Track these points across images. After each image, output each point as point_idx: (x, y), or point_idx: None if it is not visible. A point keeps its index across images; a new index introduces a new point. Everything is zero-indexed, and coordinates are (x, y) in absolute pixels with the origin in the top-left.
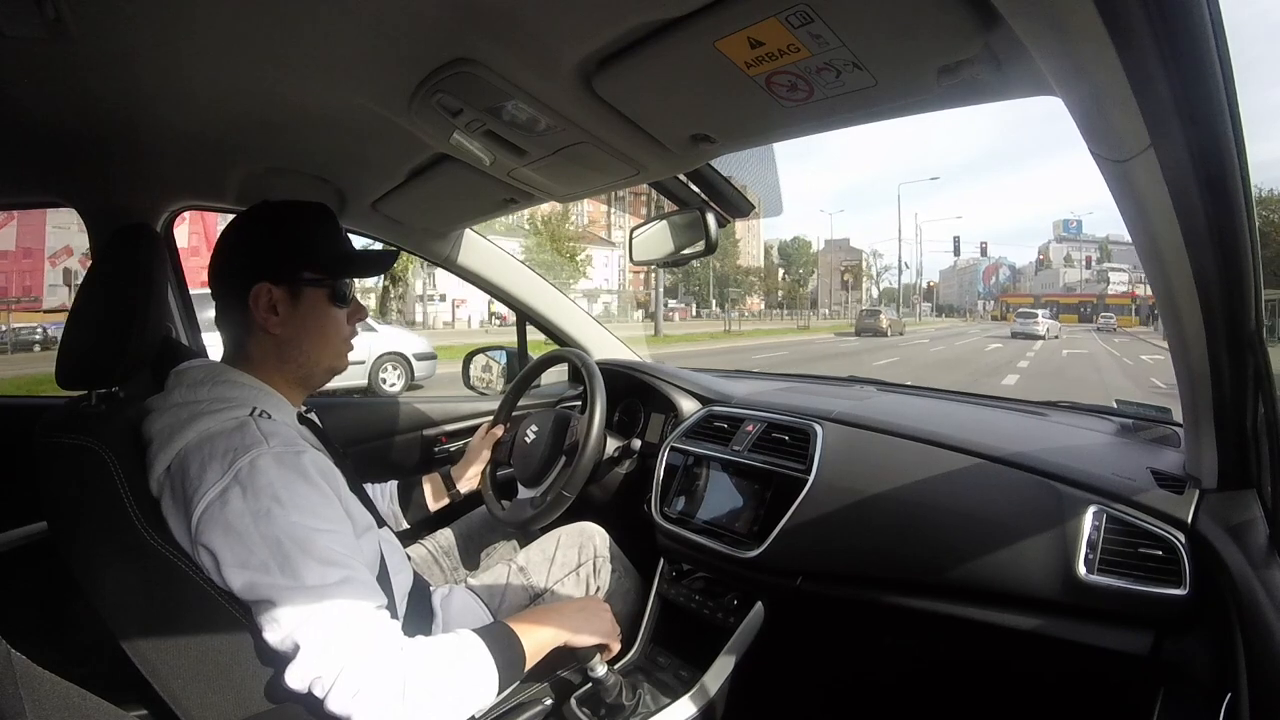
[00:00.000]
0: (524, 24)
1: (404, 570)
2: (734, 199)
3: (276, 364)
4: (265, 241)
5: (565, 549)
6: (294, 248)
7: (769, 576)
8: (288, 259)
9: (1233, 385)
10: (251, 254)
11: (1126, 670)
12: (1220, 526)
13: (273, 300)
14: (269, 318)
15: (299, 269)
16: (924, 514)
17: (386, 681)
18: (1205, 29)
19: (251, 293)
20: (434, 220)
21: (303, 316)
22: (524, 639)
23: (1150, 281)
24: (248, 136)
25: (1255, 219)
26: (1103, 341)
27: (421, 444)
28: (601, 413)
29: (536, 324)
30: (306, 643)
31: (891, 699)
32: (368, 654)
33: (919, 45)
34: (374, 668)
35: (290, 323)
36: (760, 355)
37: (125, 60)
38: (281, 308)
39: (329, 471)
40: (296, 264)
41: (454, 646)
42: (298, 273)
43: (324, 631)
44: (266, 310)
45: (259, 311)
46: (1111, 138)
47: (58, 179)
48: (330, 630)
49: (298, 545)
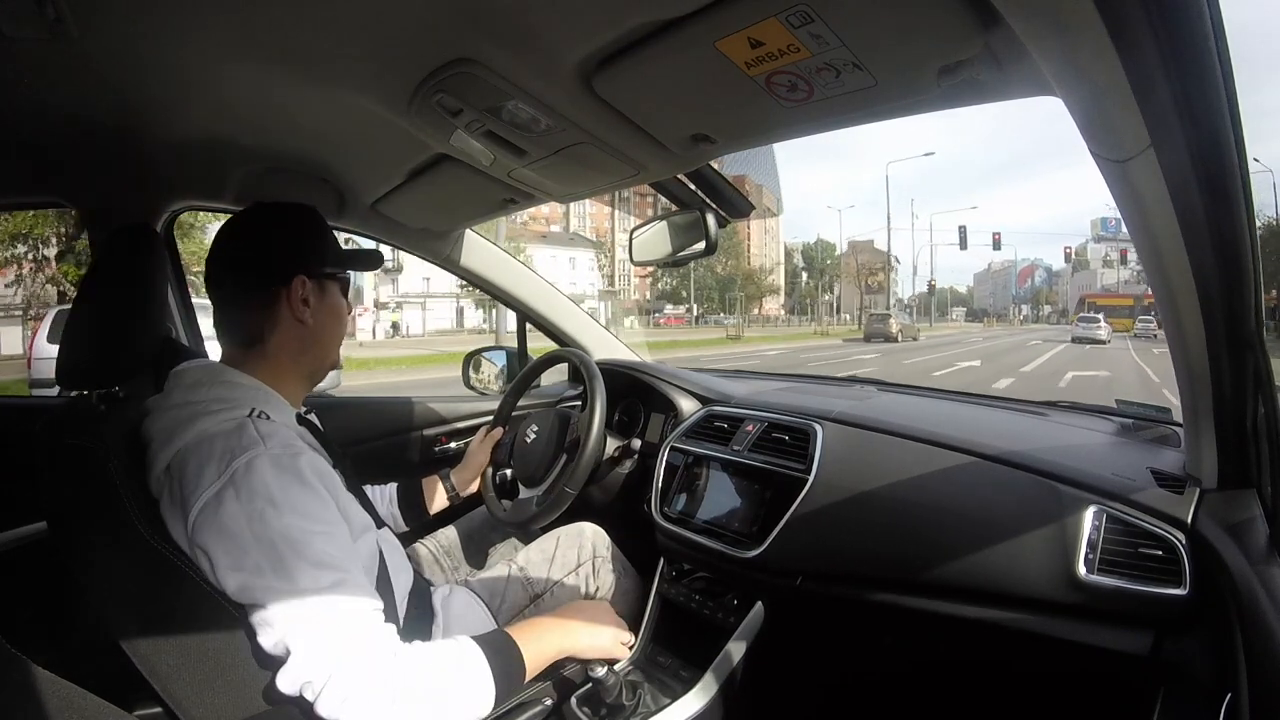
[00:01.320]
0: (524, 24)
1: (404, 571)
2: (734, 199)
3: (295, 355)
4: (295, 238)
5: (565, 549)
6: (319, 244)
7: (769, 576)
8: (317, 254)
9: (1233, 385)
10: (285, 249)
11: (1126, 670)
12: (1220, 526)
13: (305, 293)
14: (303, 309)
15: (324, 263)
16: (924, 514)
17: (377, 688)
18: (1205, 29)
19: (291, 285)
20: (434, 220)
21: (328, 307)
22: (526, 649)
23: (1150, 281)
24: (248, 136)
25: (1255, 219)
26: (1137, 355)
27: (421, 444)
28: (601, 412)
29: (536, 324)
30: (297, 646)
31: (892, 699)
32: (358, 659)
33: (919, 45)
34: (364, 673)
35: (319, 313)
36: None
37: (125, 60)
38: (312, 299)
39: (325, 473)
40: (322, 258)
41: (452, 655)
42: (324, 265)
43: (314, 635)
44: (300, 302)
45: (295, 303)
46: (1111, 138)
47: (58, 179)
48: (321, 634)
49: (291, 548)
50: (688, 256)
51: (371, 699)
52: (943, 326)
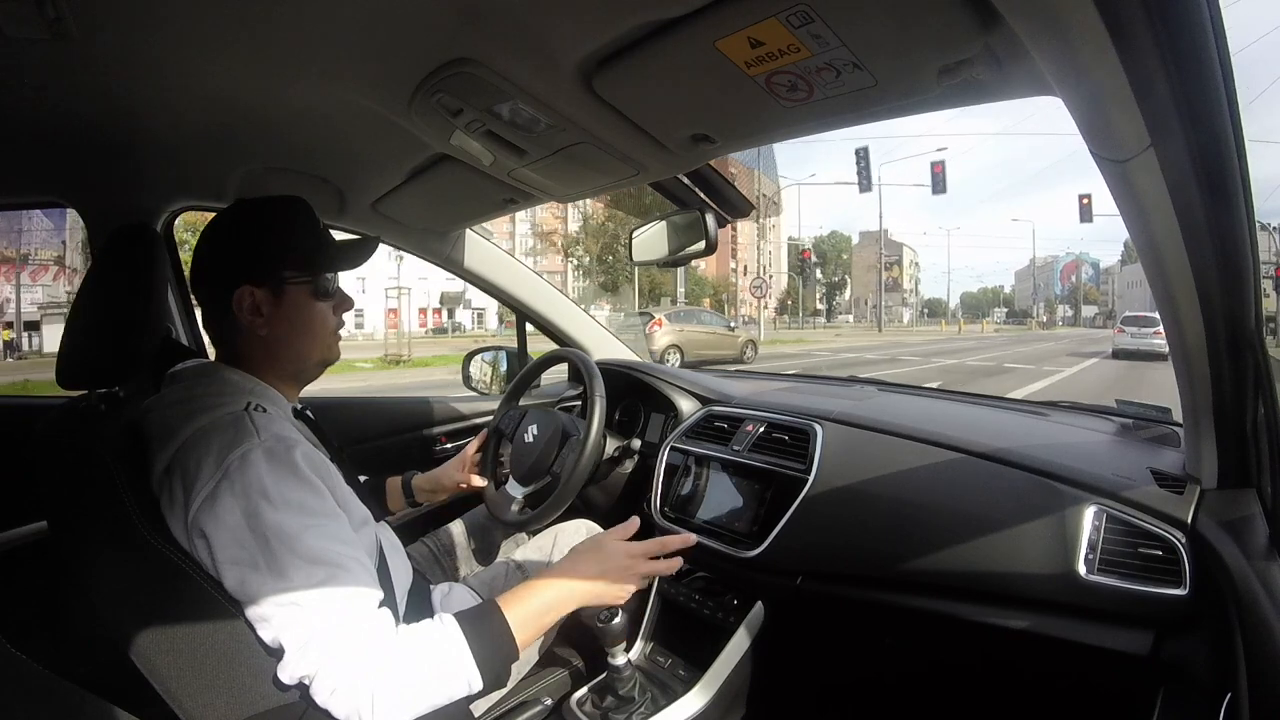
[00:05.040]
0: (524, 24)
1: (403, 568)
2: (734, 199)
3: (269, 363)
4: (242, 243)
5: (563, 547)
6: (271, 247)
7: (769, 576)
8: (266, 259)
9: (1233, 385)
10: (230, 257)
11: (1126, 670)
12: (1220, 526)
13: (256, 302)
14: (254, 320)
15: (279, 268)
16: (924, 514)
17: (367, 677)
18: (1205, 29)
19: (234, 296)
20: (434, 220)
21: (287, 315)
22: (511, 611)
23: (1150, 281)
24: (248, 136)
25: (1255, 219)
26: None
27: (421, 444)
28: (601, 413)
29: (536, 324)
30: (290, 640)
31: (892, 698)
32: (347, 651)
33: (919, 45)
34: (355, 664)
35: (276, 322)
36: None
37: (125, 60)
38: (266, 308)
39: (322, 466)
40: (276, 264)
41: (435, 637)
42: (278, 272)
43: (306, 629)
44: (251, 313)
45: (243, 315)
46: (1111, 138)
47: (58, 179)
48: (312, 628)
49: (284, 543)
50: (687, 256)
51: (363, 688)
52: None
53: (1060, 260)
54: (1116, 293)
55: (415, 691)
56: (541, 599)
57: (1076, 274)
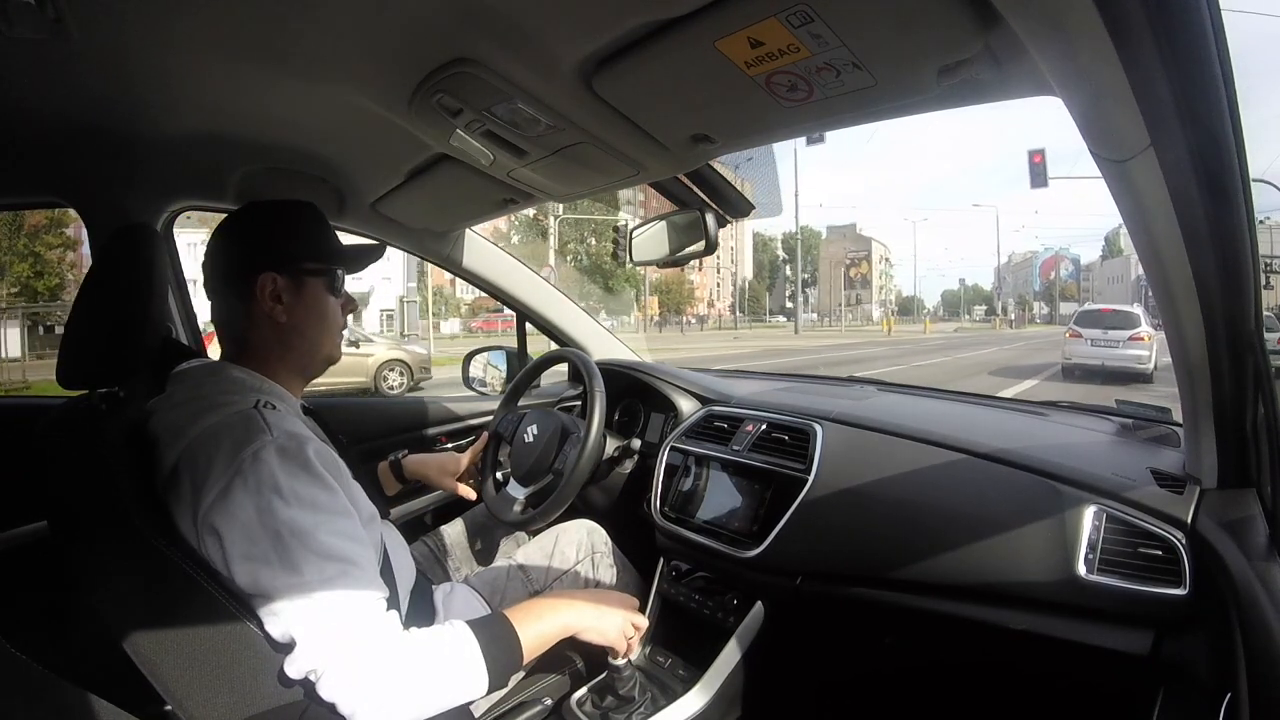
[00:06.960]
0: (524, 24)
1: (406, 566)
2: (734, 199)
3: (279, 353)
4: (267, 234)
5: (564, 547)
6: (296, 239)
7: (769, 576)
8: (290, 249)
9: (1233, 385)
10: (253, 245)
11: (1126, 670)
12: (1220, 526)
13: (277, 289)
14: (274, 306)
15: (301, 259)
16: (924, 514)
17: (376, 674)
18: (1205, 29)
19: (258, 282)
20: (434, 220)
21: (305, 304)
22: (524, 628)
23: (1150, 281)
24: (248, 136)
25: (1255, 219)
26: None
27: (420, 444)
28: (601, 413)
29: (536, 324)
30: (301, 635)
31: (892, 698)
32: (359, 646)
33: (919, 45)
34: (365, 660)
35: (294, 310)
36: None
37: (125, 60)
38: (286, 296)
39: (332, 462)
40: (299, 254)
41: (446, 638)
42: (300, 262)
43: (318, 624)
44: (272, 299)
45: (264, 300)
46: (1111, 138)
47: (58, 179)
48: (324, 623)
49: (297, 539)
50: (687, 256)
51: (370, 685)
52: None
53: (1040, 256)
54: (1096, 289)
55: (422, 692)
56: (553, 623)
57: (1056, 269)
